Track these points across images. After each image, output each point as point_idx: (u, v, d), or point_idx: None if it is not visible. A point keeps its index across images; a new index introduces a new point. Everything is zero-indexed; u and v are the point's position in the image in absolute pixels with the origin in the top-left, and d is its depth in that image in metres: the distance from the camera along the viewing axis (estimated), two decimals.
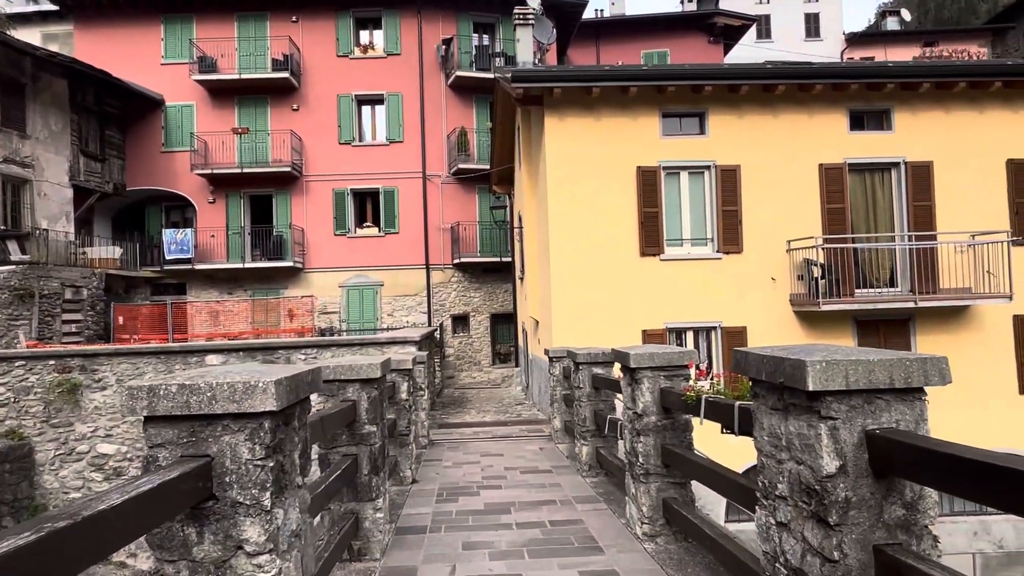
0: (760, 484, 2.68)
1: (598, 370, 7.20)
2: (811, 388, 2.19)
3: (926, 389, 2.26)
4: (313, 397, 2.93)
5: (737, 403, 3.28)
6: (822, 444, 2.22)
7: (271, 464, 2.22)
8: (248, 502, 2.17)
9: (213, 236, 21.87)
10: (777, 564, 2.54)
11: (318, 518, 4.38)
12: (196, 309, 20.96)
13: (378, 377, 4.54)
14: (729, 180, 12.26)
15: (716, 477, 3.70)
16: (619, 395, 5.95)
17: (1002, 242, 11.79)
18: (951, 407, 9.72)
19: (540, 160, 12.93)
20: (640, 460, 4.72)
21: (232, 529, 2.17)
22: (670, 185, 12.41)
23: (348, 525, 4.34)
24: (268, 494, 2.19)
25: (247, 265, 21.49)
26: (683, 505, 4.54)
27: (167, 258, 21.15)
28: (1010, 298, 11.69)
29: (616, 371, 7.51)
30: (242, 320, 21.15)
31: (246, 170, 21.36)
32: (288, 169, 21.30)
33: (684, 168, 12.39)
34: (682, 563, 4.30)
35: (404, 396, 7.00)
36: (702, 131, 12.41)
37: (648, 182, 12.12)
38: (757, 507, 2.73)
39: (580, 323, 11.81)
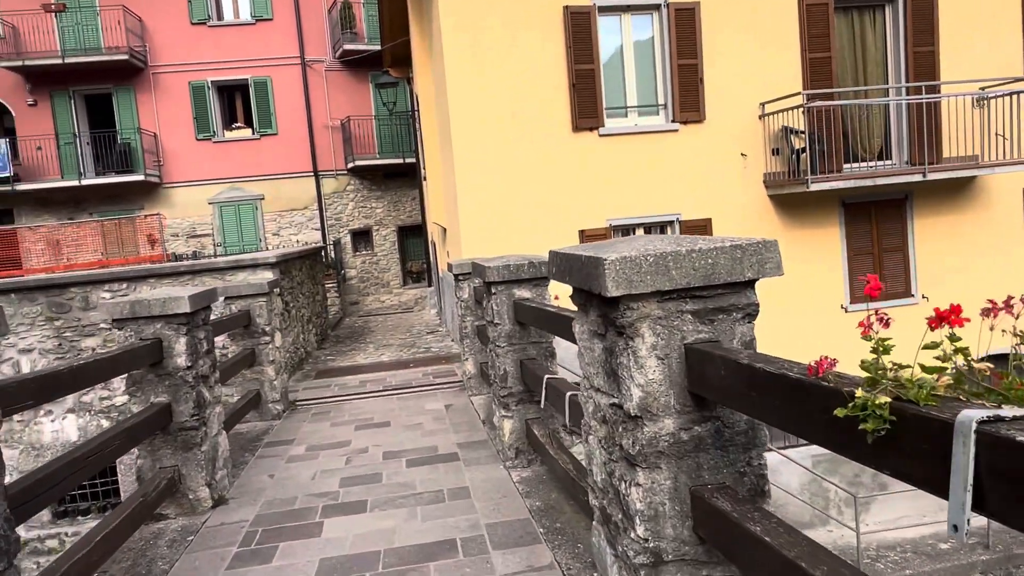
0: None
1: (523, 292, 4.24)
2: None
3: None
4: None
5: None
6: None
7: None
8: None
9: (40, 148, 17.39)
10: None
11: None
12: (31, 240, 16.89)
13: None
14: (686, 24, 9.17)
15: None
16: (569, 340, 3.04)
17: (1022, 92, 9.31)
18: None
19: (433, 8, 9.48)
20: (640, 530, 1.84)
21: None
22: (609, 33, 9.22)
23: None
24: None
25: (87, 182, 17.27)
26: None
27: None
28: None
29: (554, 293, 4.58)
30: (91, 250, 17.24)
31: (71, 60, 16.76)
32: (126, 57, 16.82)
33: (627, 8, 9.20)
34: None
35: (181, 363, 3.87)
36: None
37: (580, 28, 8.89)
38: None
39: (497, 226, 8.79)
